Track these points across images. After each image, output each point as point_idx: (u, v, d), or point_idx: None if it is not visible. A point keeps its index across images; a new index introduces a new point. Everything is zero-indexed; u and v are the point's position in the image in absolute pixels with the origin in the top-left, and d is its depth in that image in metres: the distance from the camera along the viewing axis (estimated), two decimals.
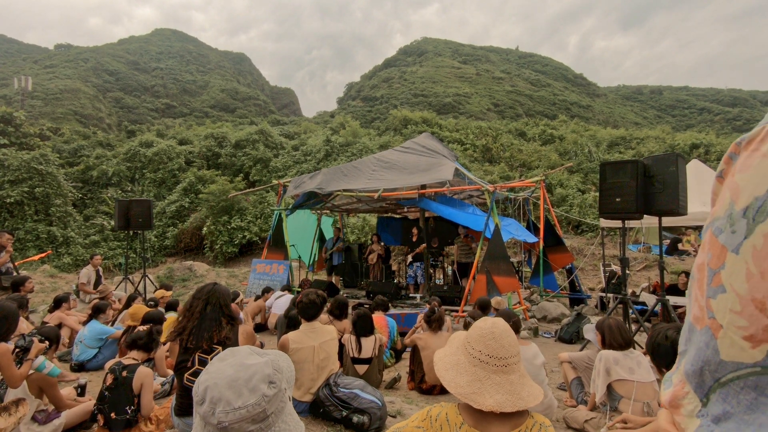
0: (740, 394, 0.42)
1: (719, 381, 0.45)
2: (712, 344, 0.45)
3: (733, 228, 0.42)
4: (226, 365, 0.95)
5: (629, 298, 5.41)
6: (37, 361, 3.07)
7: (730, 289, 0.42)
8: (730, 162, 0.47)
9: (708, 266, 0.46)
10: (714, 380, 0.45)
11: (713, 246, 0.46)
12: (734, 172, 0.45)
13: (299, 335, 3.49)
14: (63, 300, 5.89)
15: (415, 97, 72.08)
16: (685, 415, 0.50)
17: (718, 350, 0.44)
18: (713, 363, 0.45)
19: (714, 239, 0.46)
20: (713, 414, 0.45)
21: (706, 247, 0.48)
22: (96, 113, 57.18)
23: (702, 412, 0.47)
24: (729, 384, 0.43)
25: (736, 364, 0.42)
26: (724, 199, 0.45)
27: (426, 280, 9.35)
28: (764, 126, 0.42)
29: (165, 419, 3.14)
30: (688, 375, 0.50)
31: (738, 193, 0.43)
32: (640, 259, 12.37)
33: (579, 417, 3.38)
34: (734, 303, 0.42)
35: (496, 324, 1.37)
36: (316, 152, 27.00)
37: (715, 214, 0.47)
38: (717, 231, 0.45)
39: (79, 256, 18.63)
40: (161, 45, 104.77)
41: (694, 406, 0.49)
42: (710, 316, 0.46)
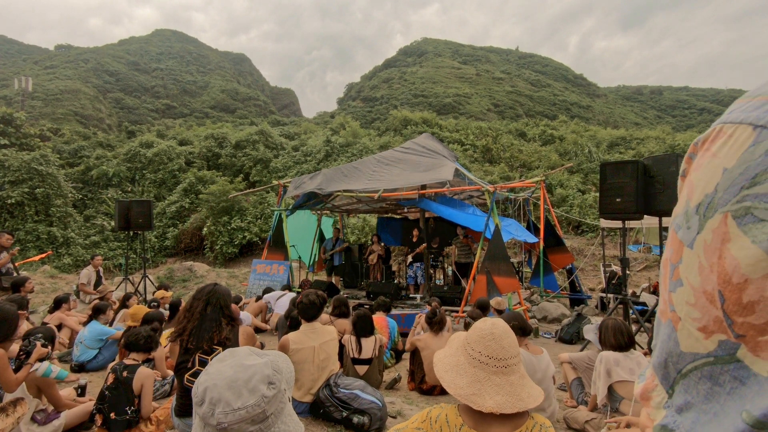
0: (698, 384, 0.44)
1: (681, 372, 0.46)
2: (673, 336, 0.47)
3: (689, 224, 0.44)
4: (226, 366, 0.95)
5: (629, 298, 5.40)
6: (42, 367, 3.07)
7: (686, 282, 0.44)
8: (690, 161, 0.49)
9: (670, 261, 0.48)
10: (677, 372, 0.47)
11: (673, 242, 0.48)
12: (691, 172, 0.47)
13: (299, 336, 3.49)
14: (63, 301, 5.89)
15: (415, 98, 72.11)
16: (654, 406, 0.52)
17: (678, 342, 0.46)
18: (675, 354, 0.47)
19: (674, 235, 0.48)
20: (677, 404, 0.47)
21: (669, 243, 0.50)
22: (96, 114, 57.24)
23: (668, 403, 0.49)
24: (689, 375, 0.45)
25: (693, 355, 0.44)
26: (683, 197, 0.48)
27: (426, 280, 9.34)
28: (715, 127, 0.44)
29: (165, 420, 3.14)
30: (655, 367, 0.52)
31: (692, 190, 0.45)
32: (641, 260, 12.37)
33: (579, 417, 3.37)
34: (689, 295, 0.44)
35: (496, 325, 1.36)
36: (316, 153, 27.00)
37: (675, 211, 0.49)
38: (677, 227, 0.47)
39: (80, 257, 18.63)
40: (161, 46, 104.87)
41: (661, 397, 0.50)
42: (671, 309, 0.48)
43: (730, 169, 0.40)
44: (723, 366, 0.41)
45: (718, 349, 0.41)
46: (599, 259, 12.02)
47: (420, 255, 9.52)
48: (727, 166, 0.41)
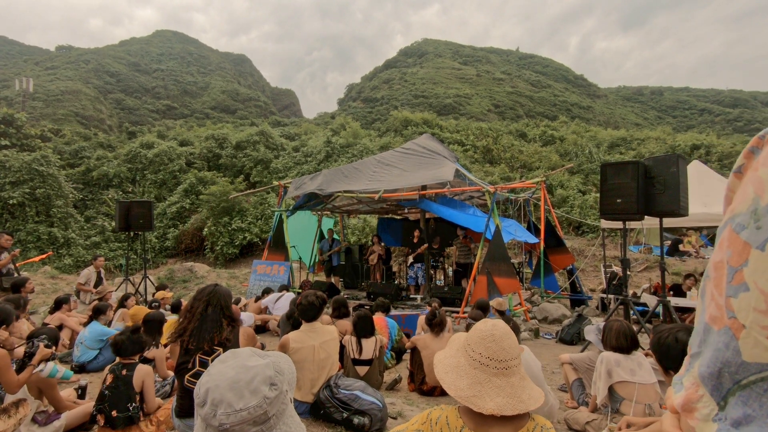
0: (763, 396, 0.41)
1: (739, 383, 0.43)
2: (733, 345, 0.44)
3: (758, 224, 0.41)
4: (228, 367, 0.95)
5: (630, 299, 5.40)
6: (48, 368, 3.07)
7: (754, 286, 0.41)
8: (752, 156, 0.45)
9: (728, 264, 0.45)
10: (734, 382, 0.44)
11: (734, 243, 0.44)
12: (757, 167, 0.43)
13: (300, 335, 3.51)
14: (63, 301, 5.89)
15: (415, 98, 72.11)
16: (699, 419, 0.48)
17: (739, 351, 0.43)
18: (734, 364, 0.44)
19: (735, 236, 0.44)
20: (732, 417, 0.44)
21: (725, 244, 0.46)
22: (97, 114, 57.29)
23: (719, 415, 0.46)
24: (751, 386, 0.42)
25: (759, 366, 0.41)
26: (747, 194, 0.44)
27: (427, 281, 9.34)
28: None
29: (165, 420, 3.14)
30: (703, 378, 0.48)
31: (763, 187, 0.41)
32: (641, 260, 12.36)
33: (580, 418, 3.37)
34: (758, 301, 0.40)
35: (497, 326, 1.36)
36: (316, 153, 27.01)
37: (735, 210, 0.45)
38: (738, 227, 0.44)
39: (80, 257, 18.64)
40: (162, 46, 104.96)
41: (710, 409, 0.47)
42: (730, 316, 0.44)
43: None
44: None
45: None
46: (600, 260, 12.02)
47: (420, 256, 9.52)
48: None
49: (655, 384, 3.07)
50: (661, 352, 2.34)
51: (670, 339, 2.31)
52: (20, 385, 2.90)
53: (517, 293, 7.78)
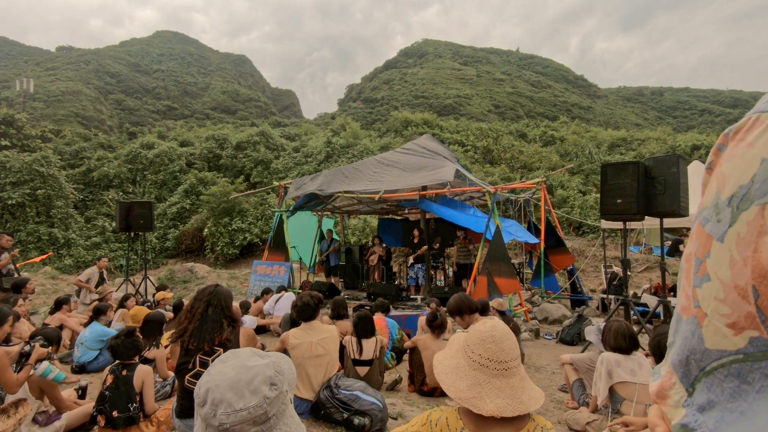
0: (724, 382, 0.42)
1: (704, 370, 0.45)
2: (698, 333, 0.46)
3: (719, 217, 0.43)
4: (228, 367, 0.95)
5: (630, 299, 5.40)
6: (42, 367, 3.06)
7: (715, 277, 0.43)
8: (719, 153, 0.47)
9: (695, 256, 0.47)
10: (699, 369, 0.46)
11: (700, 236, 0.46)
12: (721, 163, 0.45)
13: (299, 332, 3.59)
14: (64, 302, 5.89)
15: (415, 99, 72.13)
16: (671, 405, 0.50)
17: (702, 339, 0.45)
18: (698, 352, 0.46)
19: (701, 229, 0.46)
20: (698, 403, 0.46)
21: (694, 237, 0.48)
22: (97, 115, 57.32)
23: (687, 401, 0.48)
24: (713, 372, 0.44)
25: (719, 352, 0.43)
26: (711, 189, 0.46)
27: (427, 281, 9.34)
28: (750, 116, 0.43)
29: (166, 421, 3.14)
30: (674, 365, 0.50)
31: (724, 182, 0.43)
32: (642, 261, 12.35)
33: (581, 419, 3.36)
34: (718, 291, 0.42)
35: (496, 327, 1.35)
36: (316, 154, 27.02)
37: (702, 204, 0.47)
38: (704, 221, 0.46)
39: (81, 258, 18.65)
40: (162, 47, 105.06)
41: (680, 396, 0.49)
42: (696, 305, 0.46)
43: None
44: (753, 363, 0.40)
45: (749, 346, 0.40)
46: (600, 260, 12.01)
47: (421, 256, 9.52)
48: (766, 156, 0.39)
49: None
50: (661, 355, 2.34)
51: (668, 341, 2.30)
52: (19, 385, 2.90)
53: (518, 294, 7.77)
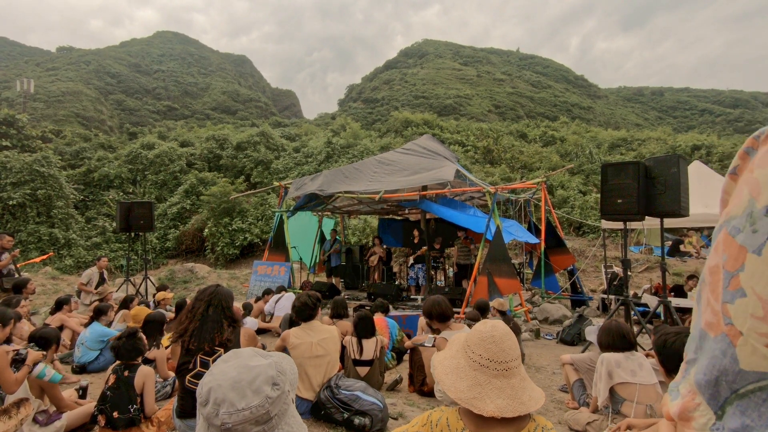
0: (762, 406, 0.39)
1: (737, 392, 0.41)
2: (730, 352, 0.42)
3: (755, 227, 0.39)
4: (230, 367, 0.95)
5: (631, 299, 5.40)
6: (37, 369, 3.07)
7: (752, 292, 0.39)
8: (747, 158, 0.43)
9: (724, 269, 0.43)
10: (731, 391, 0.42)
11: (730, 247, 0.42)
12: (753, 168, 0.41)
13: (299, 331, 3.60)
14: (64, 302, 5.89)
15: (416, 99, 72.13)
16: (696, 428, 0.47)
17: (737, 359, 0.41)
18: (731, 373, 0.42)
19: (731, 239, 0.42)
20: (730, 427, 0.42)
21: (720, 248, 0.44)
22: (98, 115, 57.36)
23: (716, 425, 0.44)
24: (749, 396, 0.40)
25: (758, 374, 0.39)
26: (742, 196, 0.42)
27: (427, 281, 9.34)
28: None
29: (167, 421, 3.14)
30: (700, 385, 0.47)
31: (759, 189, 0.39)
32: (642, 261, 12.35)
33: (581, 419, 3.37)
34: (756, 307, 0.39)
35: (496, 327, 1.35)
36: (317, 154, 27.03)
37: (730, 213, 0.44)
38: (734, 231, 0.42)
39: (81, 258, 18.66)
40: (163, 47, 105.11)
41: (707, 419, 0.45)
42: (727, 323, 0.42)
43: None
44: None
45: None
46: (600, 261, 12.01)
47: (421, 256, 9.52)
48: None
49: (656, 385, 3.07)
50: (666, 355, 2.32)
51: (677, 344, 2.28)
52: (18, 384, 2.90)
53: (518, 294, 7.77)
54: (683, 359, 0.55)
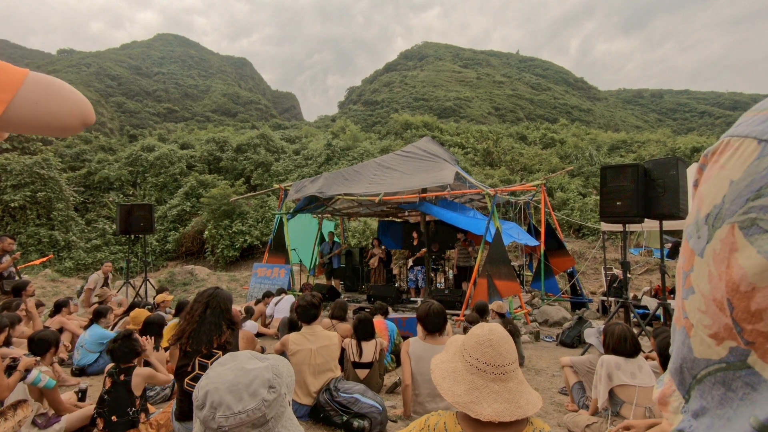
0: (713, 389, 0.45)
1: (696, 377, 0.47)
2: (687, 342, 0.48)
3: (699, 233, 0.45)
4: (227, 370, 0.95)
5: (631, 301, 5.39)
6: (32, 376, 3.07)
7: (697, 289, 0.45)
8: (701, 172, 0.49)
9: (683, 269, 0.49)
10: (692, 377, 0.48)
11: (686, 250, 0.49)
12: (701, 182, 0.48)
13: (299, 337, 3.55)
14: (63, 304, 5.89)
15: (416, 101, 72.29)
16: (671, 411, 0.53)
17: (691, 348, 0.47)
18: (689, 360, 0.48)
19: (686, 244, 0.49)
20: (693, 409, 0.48)
21: (682, 252, 0.51)
22: (98, 118, 57.41)
23: (684, 407, 0.50)
24: (703, 380, 0.46)
25: (706, 361, 0.45)
26: (693, 207, 0.49)
27: (427, 284, 9.34)
28: (723, 139, 0.45)
29: (165, 424, 3.14)
30: (672, 373, 0.53)
31: (702, 201, 0.46)
32: (642, 263, 12.35)
33: (580, 422, 3.36)
34: (700, 303, 0.45)
35: (493, 331, 1.35)
36: (317, 156, 27.06)
37: (687, 221, 0.50)
38: (688, 236, 0.48)
39: (81, 260, 18.67)
40: (163, 50, 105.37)
41: (678, 402, 0.51)
42: (684, 316, 0.49)
43: (736, 181, 0.41)
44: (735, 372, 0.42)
45: (730, 356, 0.42)
46: (600, 263, 12.01)
47: (421, 258, 9.51)
48: (733, 178, 0.42)
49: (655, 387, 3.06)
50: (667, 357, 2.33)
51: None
52: (10, 389, 2.91)
53: (518, 296, 7.77)
54: None
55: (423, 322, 3.37)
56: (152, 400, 3.95)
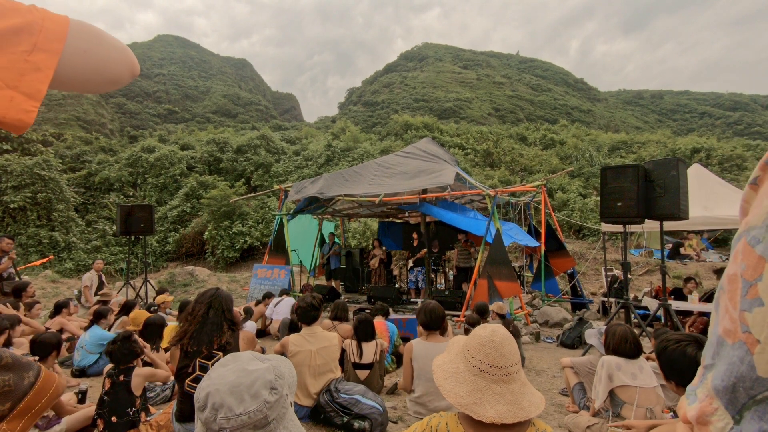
0: None
1: (755, 398, 0.43)
2: (747, 360, 0.43)
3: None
4: (228, 371, 0.95)
5: (631, 302, 5.39)
6: None
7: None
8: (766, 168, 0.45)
9: (742, 277, 0.44)
10: (749, 397, 0.44)
11: (748, 256, 0.44)
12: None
13: (299, 338, 3.54)
14: (63, 305, 5.89)
15: (416, 102, 72.34)
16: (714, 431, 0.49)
17: (754, 366, 0.43)
18: (749, 379, 0.43)
19: (750, 249, 0.44)
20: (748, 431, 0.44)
21: (740, 257, 0.45)
22: (98, 119, 57.50)
23: (734, 429, 0.46)
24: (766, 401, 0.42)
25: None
26: (762, 207, 0.43)
27: (427, 284, 9.34)
28: None
29: (166, 425, 3.13)
30: (717, 391, 0.48)
31: None
32: (642, 264, 12.34)
33: (581, 423, 3.35)
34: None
35: (496, 332, 1.35)
36: (317, 157, 27.06)
37: (750, 222, 0.45)
38: (753, 241, 0.43)
39: (81, 261, 18.65)
40: (163, 51, 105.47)
41: (725, 423, 0.47)
42: (744, 330, 0.44)
43: None
44: None
45: None
46: (600, 263, 12.00)
47: (421, 259, 9.51)
48: None
49: (656, 388, 3.06)
50: (665, 361, 2.32)
51: (677, 352, 2.26)
52: None
53: (518, 297, 7.76)
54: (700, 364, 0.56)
55: (421, 321, 3.50)
56: (152, 401, 3.94)
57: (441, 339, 3.51)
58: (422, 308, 3.53)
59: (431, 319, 3.44)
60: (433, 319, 3.44)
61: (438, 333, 3.56)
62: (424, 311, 3.49)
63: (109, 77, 0.68)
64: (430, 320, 3.44)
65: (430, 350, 3.36)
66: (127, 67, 0.70)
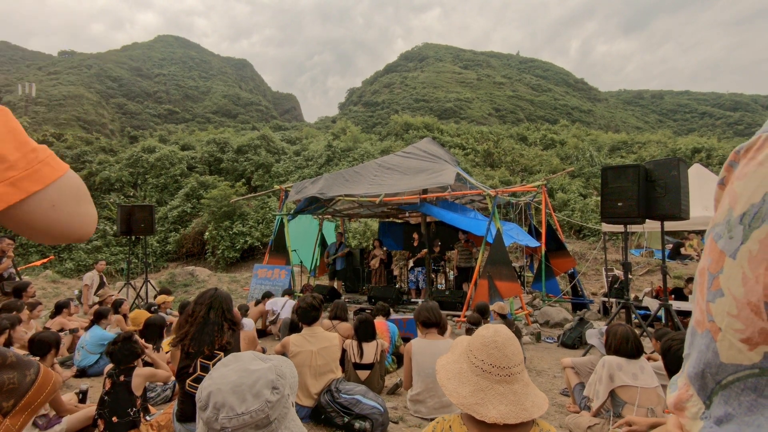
0: (740, 395, 0.43)
1: (720, 383, 0.46)
2: (712, 347, 0.46)
3: (731, 234, 0.44)
4: (230, 371, 0.95)
5: (632, 302, 5.39)
6: None
7: (728, 292, 0.44)
8: (731, 170, 0.48)
9: (708, 271, 0.48)
10: (715, 383, 0.46)
11: (713, 251, 0.47)
12: (733, 180, 0.46)
13: (299, 339, 3.55)
14: (64, 305, 5.90)
15: (416, 102, 72.35)
16: (689, 417, 0.51)
17: (717, 353, 0.46)
18: (714, 365, 0.46)
19: (714, 244, 0.47)
20: (715, 416, 0.46)
21: (707, 252, 0.49)
22: (99, 119, 57.53)
23: (705, 414, 0.48)
24: (730, 386, 0.44)
25: (735, 366, 0.44)
26: (724, 205, 0.47)
27: (428, 285, 9.33)
28: (760, 135, 0.44)
29: (167, 425, 3.13)
30: (691, 378, 0.51)
31: (736, 199, 0.44)
32: (643, 264, 12.33)
33: (582, 423, 3.35)
34: (731, 306, 0.43)
35: (499, 332, 1.35)
36: (317, 157, 27.07)
37: (715, 220, 0.49)
38: (717, 236, 0.47)
39: (81, 262, 18.66)
40: (164, 51, 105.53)
41: (698, 408, 0.50)
42: (710, 320, 0.47)
43: None
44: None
45: (764, 361, 0.41)
46: (601, 264, 11.99)
47: (421, 259, 9.51)
48: None
49: (657, 388, 3.06)
50: (671, 361, 2.33)
51: (681, 351, 2.27)
52: None
53: (519, 297, 7.76)
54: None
55: (419, 319, 3.66)
56: (153, 401, 3.94)
57: (439, 337, 3.63)
58: (419, 308, 3.71)
59: (427, 315, 3.60)
60: (429, 316, 3.59)
61: (436, 331, 3.66)
62: (420, 309, 3.67)
63: (58, 235, 0.66)
64: (426, 317, 3.60)
65: (428, 347, 3.45)
66: (78, 236, 0.69)
